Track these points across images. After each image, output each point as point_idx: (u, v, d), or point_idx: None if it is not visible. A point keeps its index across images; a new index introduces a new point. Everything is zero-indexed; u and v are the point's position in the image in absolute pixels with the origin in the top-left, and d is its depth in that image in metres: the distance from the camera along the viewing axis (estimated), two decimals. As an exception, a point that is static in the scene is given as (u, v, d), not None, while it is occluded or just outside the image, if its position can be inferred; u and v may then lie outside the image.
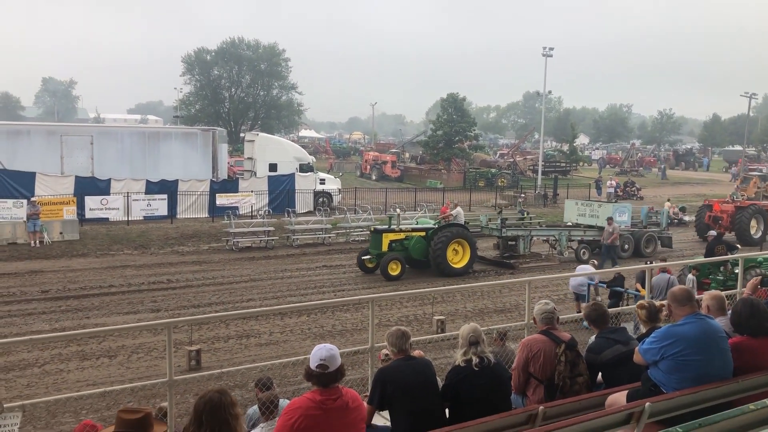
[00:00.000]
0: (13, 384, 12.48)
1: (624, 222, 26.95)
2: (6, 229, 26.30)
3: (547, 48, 50.11)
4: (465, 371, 5.37)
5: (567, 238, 26.10)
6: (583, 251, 25.50)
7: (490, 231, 26.36)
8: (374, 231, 23.54)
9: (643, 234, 27.32)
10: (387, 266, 21.83)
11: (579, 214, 28.05)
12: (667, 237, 28.37)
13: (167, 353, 5.97)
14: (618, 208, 27.64)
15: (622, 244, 26.12)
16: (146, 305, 18.40)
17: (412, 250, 22.60)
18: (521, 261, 24.90)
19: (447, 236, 22.66)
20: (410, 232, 23.21)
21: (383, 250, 22.49)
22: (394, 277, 21.79)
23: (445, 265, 22.44)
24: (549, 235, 26.73)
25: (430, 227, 23.65)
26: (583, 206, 28.57)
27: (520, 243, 25.18)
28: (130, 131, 41.46)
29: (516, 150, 73.00)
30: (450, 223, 24.33)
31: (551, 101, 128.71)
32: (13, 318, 16.89)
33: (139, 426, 4.21)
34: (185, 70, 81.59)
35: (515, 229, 26.07)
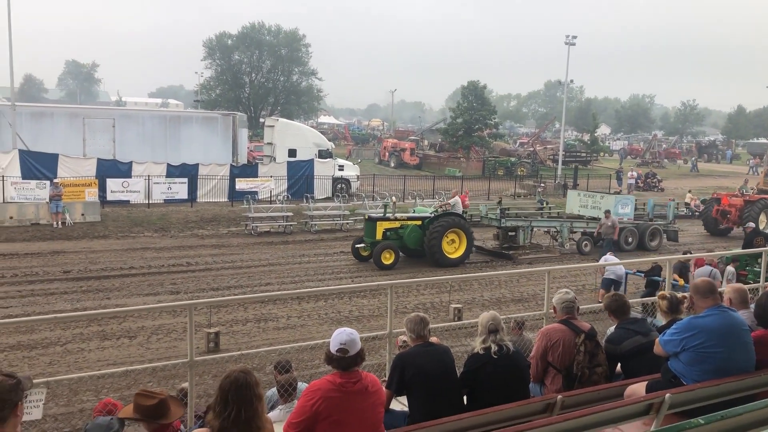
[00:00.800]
0: (36, 362, 12.70)
1: (627, 214, 26.41)
2: (29, 210, 26.66)
3: (570, 36, 49.56)
4: (484, 359, 5.38)
5: (569, 229, 25.56)
6: (585, 243, 24.98)
7: (489, 221, 25.94)
8: (368, 219, 23.09)
9: (647, 227, 26.62)
10: (380, 255, 21.43)
11: (581, 206, 27.52)
12: (673, 231, 27.64)
13: (188, 334, 6.03)
14: (620, 200, 27.09)
15: (626, 237, 25.63)
16: (166, 287, 18.61)
17: (407, 239, 22.22)
18: (520, 252, 24.46)
19: (443, 225, 22.18)
20: (405, 220, 22.80)
21: (377, 238, 22.08)
22: (387, 266, 21.36)
23: (440, 255, 22.02)
24: (550, 226, 26.11)
25: (426, 216, 23.23)
26: (586, 197, 28.04)
27: (519, 234, 24.74)
28: (152, 115, 41.69)
29: (536, 139, 72.44)
30: (447, 212, 23.81)
31: (573, 90, 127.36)
32: (35, 297, 17.16)
33: (156, 410, 4.22)
34: (206, 54, 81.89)
35: (514, 219, 25.58)
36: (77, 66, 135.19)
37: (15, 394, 3.32)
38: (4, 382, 3.30)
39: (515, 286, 19.82)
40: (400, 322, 8.07)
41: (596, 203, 26.68)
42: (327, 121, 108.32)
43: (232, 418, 3.83)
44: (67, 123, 34.77)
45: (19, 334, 13.96)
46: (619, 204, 26.24)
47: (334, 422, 4.38)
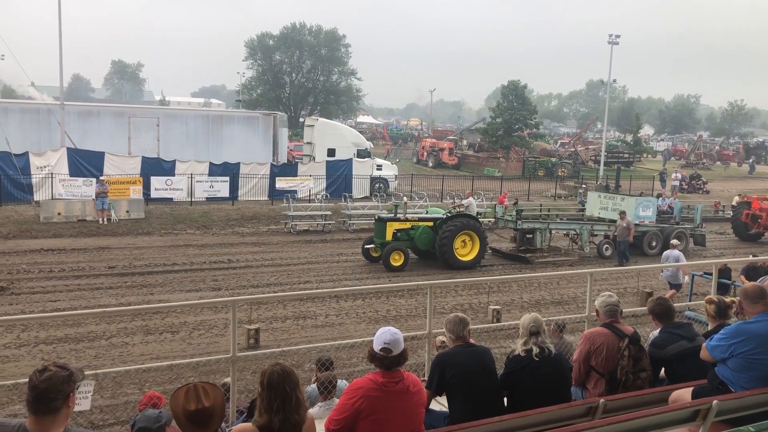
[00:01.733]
0: (83, 354, 13.04)
1: (648, 217, 25.52)
2: (76, 207, 27.38)
3: (614, 36, 48.80)
4: (525, 360, 5.33)
5: (589, 232, 24.82)
6: (605, 246, 24.22)
7: (506, 223, 25.31)
8: (378, 219, 22.68)
9: (672, 230, 25.32)
10: (389, 256, 21.11)
11: (602, 208, 26.63)
12: (701, 235, 26.55)
13: (231, 330, 6.13)
14: (642, 202, 26.07)
15: (649, 240, 24.91)
16: (207, 284, 18.91)
17: (417, 241, 21.79)
18: (537, 255, 23.77)
19: (454, 227, 21.66)
20: (417, 221, 22.31)
21: (387, 239, 21.69)
22: (396, 267, 21.03)
23: (451, 258, 21.55)
24: (569, 228, 25.33)
25: (438, 217, 22.73)
26: (606, 199, 27.13)
27: (537, 236, 24.15)
28: (195, 114, 42.41)
29: (578, 139, 71.47)
30: (460, 213, 23.22)
31: (615, 90, 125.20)
32: (82, 291, 17.61)
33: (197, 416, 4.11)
34: (248, 54, 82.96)
35: (532, 221, 24.97)
36: (123, 66, 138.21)
37: (68, 385, 3.41)
38: (58, 374, 3.39)
39: (555, 288, 19.59)
40: (438, 322, 8.09)
41: (617, 205, 25.79)
42: (366, 120, 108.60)
43: (278, 408, 3.96)
44: (113, 122, 35.61)
45: (66, 327, 14.35)
46: (639, 206, 25.31)
47: (374, 421, 4.40)
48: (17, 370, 11.81)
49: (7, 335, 13.70)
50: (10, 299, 16.63)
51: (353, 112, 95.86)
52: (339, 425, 4.46)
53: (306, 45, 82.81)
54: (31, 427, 3.34)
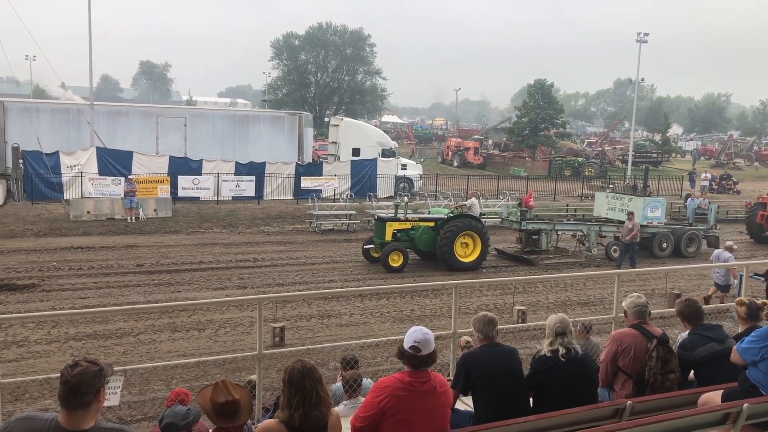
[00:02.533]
0: (111, 351, 13.22)
1: (656, 218, 24.75)
2: (105, 205, 27.80)
3: (642, 34, 48.20)
4: (551, 361, 5.30)
5: (597, 233, 24.22)
6: (614, 248, 23.57)
7: (510, 224, 24.84)
8: (378, 219, 22.31)
9: (684, 232, 24.90)
10: (388, 257, 20.75)
11: (609, 208, 25.84)
12: (714, 236, 25.62)
13: (258, 327, 6.18)
14: (650, 203, 25.28)
15: (660, 242, 24.37)
16: (233, 282, 19.08)
17: (418, 241, 21.42)
18: (543, 257, 23.27)
19: (455, 228, 21.25)
20: (417, 221, 21.91)
21: (387, 239, 21.33)
22: (395, 268, 20.68)
23: (452, 259, 21.17)
24: (576, 229, 24.72)
25: (439, 217, 22.26)
26: (614, 199, 26.27)
27: (542, 237, 23.59)
28: (221, 114, 42.82)
29: (605, 139, 70.75)
30: (460, 214, 22.71)
31: (644, 89, 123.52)
32: (110, 289, 17.88)
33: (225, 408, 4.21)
34: (274, 54, 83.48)
35: (537, 222, 24.41)
36: (151, 66, 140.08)
37: (98, 380, 3.47)
38: (89, 369, 3.45)
39: (581, 289, 19.42)
40: (463, 322, 8.06)
41: (624, 206, 25.05)
42: (390, 120, 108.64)
43: (298, 403, 4.03)
44: (141, 121, 36.07)
45: (95, 324, 14.58)
46: (648, 207, 24.57)
47: (400, 420, 4.41)
48: (48, 366, 12.03)
49: (38, 331, 13.95)
50: (41, 296, 16.95)
51: (378, 111, 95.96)
52: (364, 422, 4.48)
53: (331, 45, 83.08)
54: (63, 420, 3.40)
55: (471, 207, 24.20)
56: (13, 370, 11.58)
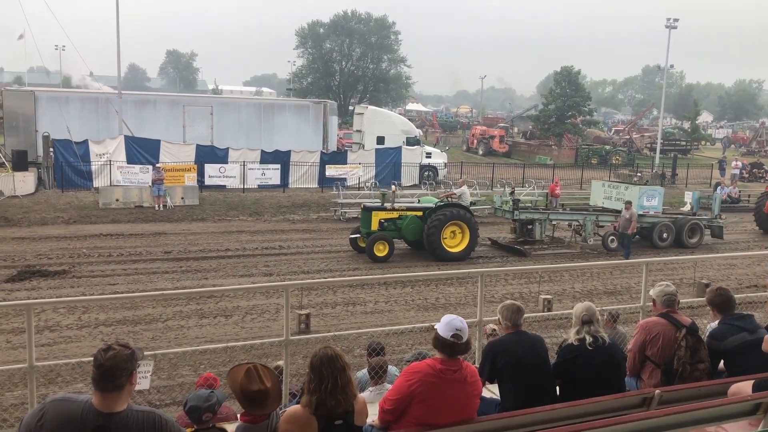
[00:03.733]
0: (140, 336, 13.43)
1: (653, 207, 24.00)
2: (133, 193, 28.17)
3: (672, 19, 47.29)
4: (578, 350, 5.27)
5: (593, 223, 23.52)
6: (611, 239, 22.81)
7: (503, 213, 24.26)
8: (363, 208, 21.72)
9: (686, 222, 24.09)
10: (373, 246, 20.36)
11: (605, 197, 25.08)
12: (718, 226, 24.83)
13: (285, 314, 6.24)
14: (646, 191, 24.40)
15: (660, 232, 23.63)
16: (259, 269, 19.25)
17: (405, 231, 20.96)
18: (536, 247, 22.80)
19: (442, 217, 20.76)
20: (404, 211, 21.38)
21: (372, 229, 20.91)
22: (380, 258, 20.24)
23: (439, 248, 20.68)
24: (572, 219, 24.04)
25: (427, 206, 21.66)
26: (610, 188, 25.42)
27: (536, 227, 23.06)
28: (247, 103, 43.01)
29: (633, 126, 69.82)
30: (449, 203, 22.09)
31: (673, 76, 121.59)
32: (139, 275, 18.15)
33: (255, 396, 4.26)
34: (299, 43, 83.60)
35: (529, 212, 23.81)
36: (177, 56, 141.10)
37: (130, 363, 3.54)
38: (121, 352, 3.52)
39: (608, 278, 19.25)
40: (488, 310, 8.05)
41: (620, 194, 24.34)
42: (415, 108, 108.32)
43: (329, 389, 4.10)
44: (169, 110, 36.39)
45: (124, 310, 14.82)
46: (644, 196, 23.86)
47: (428, 406, 4.44)
48: (79, 350, 12.28)
49: (69, 317, 14.23)
50: (72, 282, 17.27)
51: (402, 99, 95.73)
52: (393, 405, 4.52)
53: (356, 33, 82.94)
54: (97, 403, 3.47)
55: (461, 196, 23.63)
56: (45, 354, 11.84)
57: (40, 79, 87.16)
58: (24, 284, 16.89)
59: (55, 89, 48.39)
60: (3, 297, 15.70)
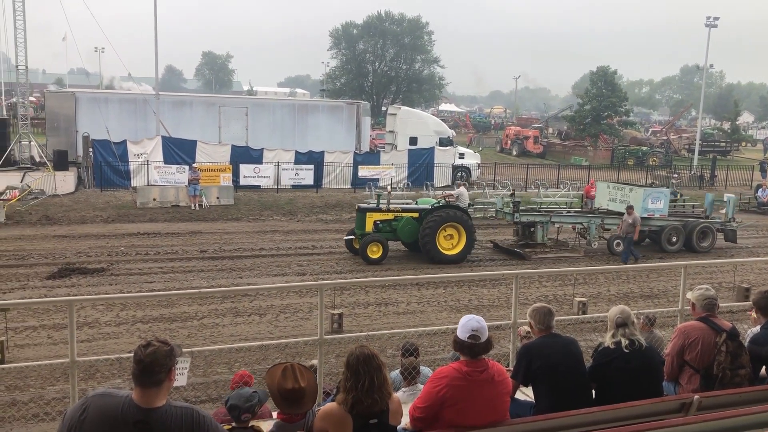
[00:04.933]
0: (176, 334, 13.64)
1: (658, 210, 23.10)
2: (170, 193, 28.63)
3: (711, 18, 46.36)
4: (614, 353, 5.19)
5: (598, 226, 22.77)
6: (616, 242, 22.05)
7: (504, 215, 23.66)
8: (358, 209, 21.41)
9: (696, 225, 23.18)
10: (366, 248, 20.01)
11: (610, 199, 24.11)
12: (731, 230, 23.99)
13: (319, 313, 6.29)
14: (651, 193, 23.52)
15: (669, 236, 22.84)
16: (293, 268, 19.40)
17: (400, 232, 20.49)
18: (538, 250, 22.25)
19: (437, 219, 20.28)
20: (400, 212, 20.91)
21: (367, 230, 20.56)
22: (374, 260, 19.91)
23: (434, 251, 20.24)
24: (575, 222, 23.32)
25: (423, 208, 21.22)
26: (615, 190, 24.35)
27: (538, 230, 22.40)
28: (282, 104, 43.40)
29: (670, 127, 68.63)
30: (445, 204, 21.58)
31: (712, 75, 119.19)
32: (175, 274, 18.43)
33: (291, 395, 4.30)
34: (332, 44, 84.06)
35: (531, 214, 23.09)
36: (213, 57, 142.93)
37: (169, 359, 3.60)
38: (161, 348, 3.58)
39: (644, 281, 18.95)
40: (521, 312, 7.99)
41: (625, 196, 23.44)
42: (448, 108, 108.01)
43: (365, 387, 4.11)
44: (205, 111, 36.91)
45: (161, 308, 15.08)
46: (648, 198, 22.99)
47: (459, 410, 4.42)
48: (117, 347, 12.52)
49: (107, 313, 14.52)
50: (110, 279, 17.62)
51: (435, 100, 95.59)
52: (423, 413, 4.50)
53: (389, 33, 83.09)
54: (137, 398, 3.54)
55: (459, 197, 23.07)
56: (85, 350, 12.09)
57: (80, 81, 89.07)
58: (64, 281, 17.29)
59: (94, 90, 49.41)
60: (44, 293, 16.11)
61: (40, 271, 18.03)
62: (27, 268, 18.33)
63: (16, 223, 24.03)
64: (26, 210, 25.63)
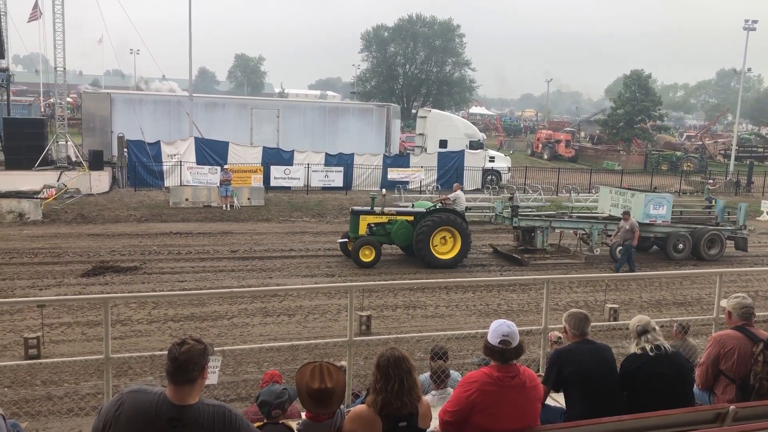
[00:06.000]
0: (206, 333, 13.78)
1: (661, 216, 22.21)
2: (202, 193, 28.99)
3: (750, 21, 45.47)
4: (641, 359, 5.11)
5: (601, 232, 22.11)
6: (619, 249, 21.12)
7: (503, 220, 23.04)
8: (352, 212, 21.11)
9: (705, 232, 22.41)
10: (359, 252, 19.74)
11: (612, 204, 23.34)
12: (742, 238, 23.05)
13: (349, 315, 6.32)
14: (653, 199, 22.57)
15: (675, 243, 22.14)
16: (322, 270, 19.49)
17: (394, 236, 20.21)
18: (537, 256, 21.66)
19: (431, 223, 19.93)
20: (394, 215, 20.65)
21: (360, 233, 20.30)
22: (367, 264, 19.63)
23: (428, 255, 19.89)
24: (577, 227, 22.64)
25: (418, 211, 20.91)
26: (617, 195, 23.58)
27: (537, 235, 21.85)
28: (313, 106, 43.73)
29: (706, 132, 67.42)
30: (440, 208, 21.20)
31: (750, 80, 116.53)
32: (206, 273, 18.63)
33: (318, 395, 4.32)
34: (363, 47, 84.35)
35: (530, 219, 22.46)
36: (245, 59, 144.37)
37: (203, 357, 3.65)
38: (195, 347, 3.63)
39: (677, 288, 18.62)
40: (551, 318, 7.92)
41: (627, 201, 22.66)
42: (478, 111, 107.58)
43: (395, 390, 4.12)
44: (237, 113, 37.36)
45: (192, 306, 15.26)
46: (650, 204, 22.15)
47: (489, 414, 4.39)
48: (149, 344, 12.70)
49: (139, 311, 14.73)
50: (143, 278, 17.89)
51: (466, 103, 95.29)
52: (453, 417, 4.49)
53: (420, 36, 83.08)
54: (170, 395, 3.59)
55: (455, 200, 22.60)
56: (117, 347, 12.29)
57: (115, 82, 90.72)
58: (98, 279, 17.60)
59: (129, 92, 50.30)
60: (78, 291, 16.43)
61: (75, 268, 18.38)
62: (62, 265, 18.70)
63: (53, 221, 24.55)
64: (62, 208, 26.18)
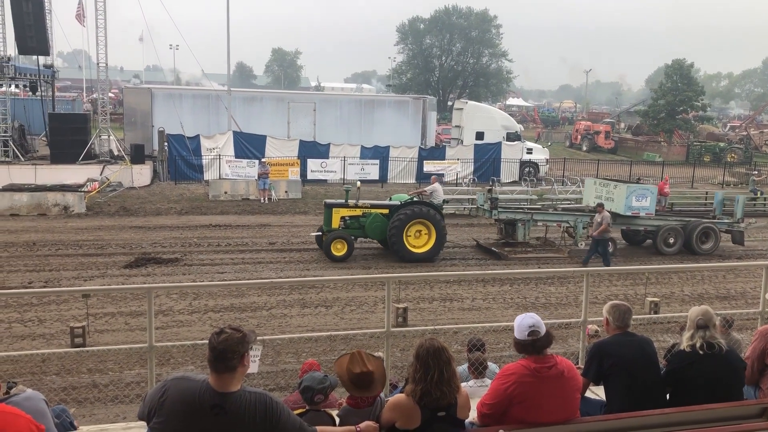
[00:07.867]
0: (246, 323, 13.96)
1: (644, 208, 21.18)
2: (240, 186, 29.36)
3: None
4: (691, 357, 4.99)
5: (585, 225, 21.21)
6: (608, 243, 20.28)
7: (483, 212, 22.53)
8: (325, 205, 20.63)
9: (697, 225, 21.50)
10: (330, 246, 19.33)
11: (596, 196, 22.32)
12: (739, 232, 22.24)
13: (386, 306, 6.35)
14: (635, 190, 21.46)
15: (665, 237, 21.27)
16: (358, 262, 19.57)
17: (368, 229, 19.80)
18: (518, 249, 21.16)
19: (403, 216, 19.43)
20: (369, 208, 20.16)
21: (334, 226, 19.89)
22: (338, 258, 19.22)
23: (402, 249, 19.45)
24: (560, 220, 21.93)
25: (393, 204, 20.37)
26: (601, 186, 22.61)
27: (518, 228, 21.37)
28: (348, 99, 43.86)
29: (751, 122, 65.62)
30: (417, 200, 20.74)
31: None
32: (245, 265, 18.89)
33: (359, 379, 4.38)
34: (399, 39, 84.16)
35: (510, 211, 21.89)
36: (282, 54, 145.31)
37: (242, 345, 3.72)
38: (233, 336, 3.70)
39: (720, 282, 18.23)
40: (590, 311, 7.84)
41: (610, 193, 21.73)
42: (516, 103, 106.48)
43: (435, 379, 4.14)
44: (274, 107, 37.70)
45: (231, 297, 15.49)
46: (633, 195, 21.08)
47: (528, 407, 4.37)
48: (189, 334, 12.96)
49: (181, 302, 15.02)
50: (183, 269, 18.22)
51: (503, 94, 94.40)
52: (492, 410, 4.48)
53: (456, 27, 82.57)
54: (213, 383, 3.68)
55: (433, 193, 22.17)
56: (159, 336, 12.53)
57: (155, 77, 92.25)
58: (140, 270, 17.98)
59: (169, 87, 51.14)
60: (121, 282, 16.83)
61: (118, 260, 18.81)
62: (106, 257, 19.16)
63: (96, 214, 25.15)
64: (105, 201, 26.81)
